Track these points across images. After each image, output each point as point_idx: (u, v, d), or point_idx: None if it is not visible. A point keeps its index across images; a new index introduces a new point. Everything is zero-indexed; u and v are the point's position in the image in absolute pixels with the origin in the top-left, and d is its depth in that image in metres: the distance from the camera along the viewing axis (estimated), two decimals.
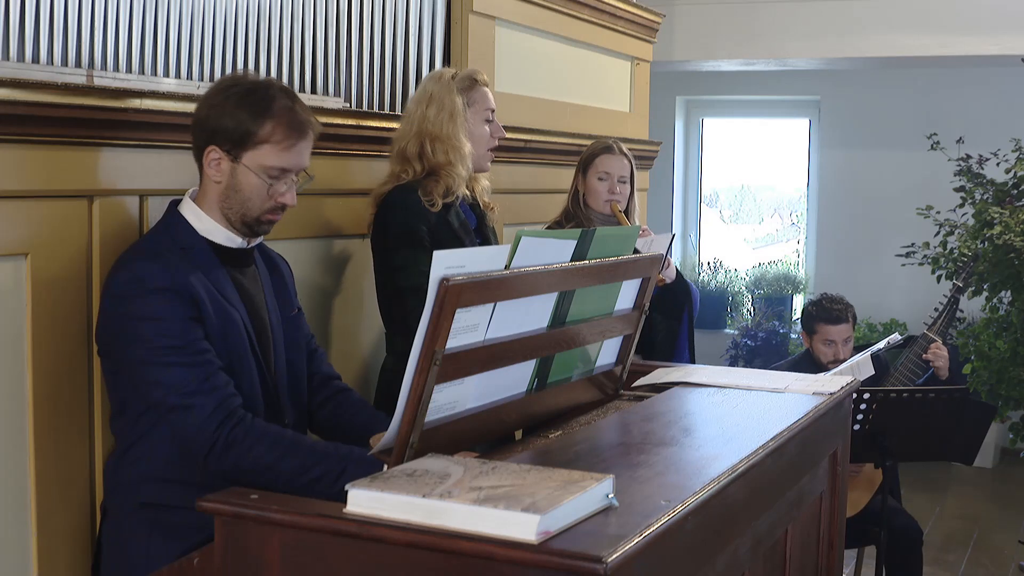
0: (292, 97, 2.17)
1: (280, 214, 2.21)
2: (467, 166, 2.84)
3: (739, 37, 6.36)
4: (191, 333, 2.04)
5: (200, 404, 2.01)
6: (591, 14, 4.26)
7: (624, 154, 3.50)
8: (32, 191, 2.11)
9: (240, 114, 2.10)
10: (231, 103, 2.11)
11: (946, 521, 5.58)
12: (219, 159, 2.13)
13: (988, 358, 5.51)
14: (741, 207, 8.47)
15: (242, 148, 2.12)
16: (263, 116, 2.11)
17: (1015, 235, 4.99)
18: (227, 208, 2.16)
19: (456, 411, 1.98)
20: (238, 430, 2.02)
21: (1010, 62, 5.93)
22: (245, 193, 2.14)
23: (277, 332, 2.27)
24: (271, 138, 2.12)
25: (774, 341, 7.39)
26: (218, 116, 2.11)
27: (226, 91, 2.14)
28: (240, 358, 2.14)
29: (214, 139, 2.12)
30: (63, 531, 2.20)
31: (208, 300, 2.08)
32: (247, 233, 2.21)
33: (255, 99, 2.12)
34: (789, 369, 3.67)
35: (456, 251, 1.84)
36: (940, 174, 5.93)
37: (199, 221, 2.17)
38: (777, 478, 2.09)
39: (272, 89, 2.15)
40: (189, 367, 2.02)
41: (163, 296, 2.03)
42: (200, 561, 1.76)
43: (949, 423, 3.38)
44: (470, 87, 2.88)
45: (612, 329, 2.42)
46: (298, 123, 2.14)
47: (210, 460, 2.02)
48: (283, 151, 2.13)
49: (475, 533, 1.46)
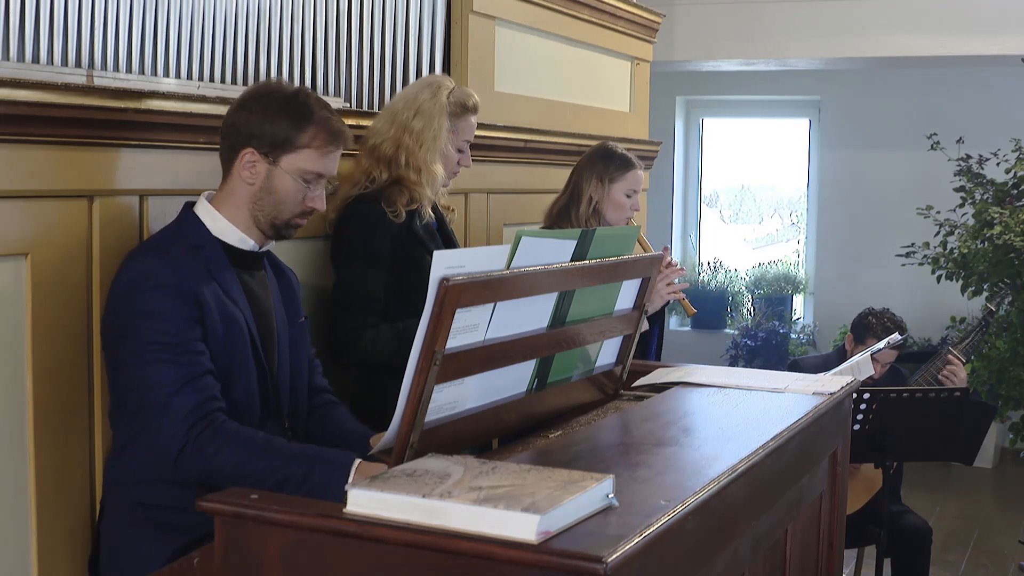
0: (328, 108, 2.23)
1: (307, 218, 2.26)
2: (435, 189, 2.81)
3: (739, 37, 6.36)
4: (188, 332, 2.04)
5: (178, 404, 2.01)
6: (591, 14, 4.26)
7: (641, 166, 3.47)
8: (32, 191, 2.11)
9: (283, 119, 2.16)
10: (273, 109, 2.16)
11: (946, 521, 5.58)
12: (255, 161, 2.16)
13: (988, 358, 5.52)
14: (741, 207, 8.47)
15: (282, 152, 2.16)
16: (306, 122, 2.17)
17: (1015, 235, 5.00)
18: (258, 210, 2.20)
19: (456, 411, 1.98)
20: (207, 433, 2.01)
21: (1010, 62, 5.93)
22: (280, 196, 2.19)
23: (283, 337, 2.28)
24: (312, 143, 2.17)
25: (774, 341, 7.39)
26: (259, 121, 2.16)
27: (265, 97, 2.19)
28: (241, 360, 2.14)
29: (251, 142, 2.16)
30: (63, 531, 2.20)
31: (212, 302, 2.09)
32: (274, 236, 2.25)
33: (296, 105, 2.18)
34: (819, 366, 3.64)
35: (456, 251, 1.84)
36: (940, 174, 5.94)
37: (213, 221, 2.19)
38: (777, 478, 2.09)
39: (310, 98, 2.21)
40: (176, 366, 2.02)
41: (166, 292, 2.04)
42: (200, 561, 1.76)
43: (949, 423, 3.38)
44: (459, 114, 2.85)
45: (612, 329, 2.42)
46: (337, 131, 2.21)
47: (180, 462, 2.01)
48: (321, 157, 2.19)
49: (475, 533, 1.46)
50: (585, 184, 3.37)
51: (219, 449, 2.00)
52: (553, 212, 3.43)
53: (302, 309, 2.40)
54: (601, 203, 3.36)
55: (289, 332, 2.31)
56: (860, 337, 3.97)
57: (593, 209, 3.37)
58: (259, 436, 2.06)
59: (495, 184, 3.57)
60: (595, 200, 3.36)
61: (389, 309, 2.73)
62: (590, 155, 3.43)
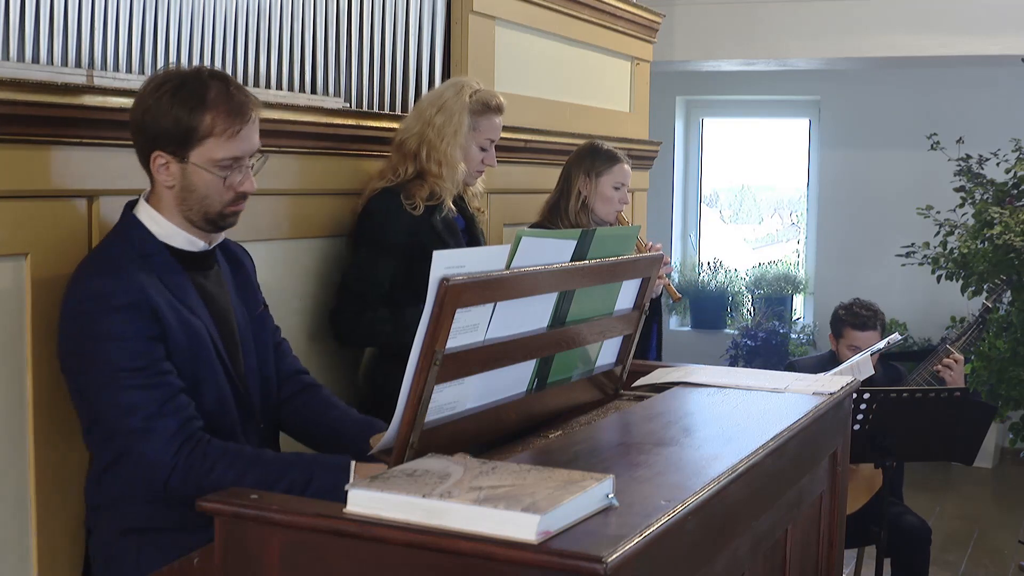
0: (226, 81, 2.06)
1: (243, 203, 2.12)
2: (455, 181, 2.92)
3: (739, 37, 6.36)
4: (153, 353, 1.97)
5: (160, 428, 1.95)
6: (591, 14, 4.26)
7: (629, 161, 3.60)
8: (32, 191, 2.11)
9: (177, 112, 2.00)
10: (165, 102, 2.01)
11: (946, 521, 5.58)
12: (167, 163, 2.04)
13: (988, 358, 5.52)
14: (741, 207, 8.47)
15: (187, 147, 2.02)
16: (200, 109, 2.01)
17: (1015, 235, 5.00)
18: (186, 210, 2.08)
19: (456, 411, 1.98)
20: (196, 453, 1.96)
21: (1010, 62, 5.93)
22: (201, 191, 2.06)
23: (245, 333, 2.21)
24: (213, 130, 2.02)
25: (774, 341, 7.39)
26: (155, 118, 2.02)
27: (157, 90, 2.03)
28: (207, 366, 2.07)
29: (157, 143, 2.03)
30: (63, 531, 2.20)
31: (171, 314, 2.01)
32: (213, 229, 2.13)
33: (188, 93, 2.01)
34: (814, 367, 3.66)
35: (456, 251, 1.84)
36: (940, 174, 5.93)
37: (157, 226, 2.08)
38: (777, 478, 2.09)
39: (202, 77, 2.04)
40: (150, 389, 1.95)
41: (125, 314, 1.95)
42: (200, 561, 1.76)
43: (949, 423, 3.38)
44: (481, 112, 2.94)
45: (612, 329, 2.42)
46: (237, 107, 2.04)
47: (171, 485, 1.96)
48: (229, 140, 2.03)
49: (475, 533, 1.46)
50: (574, 180, 3.53)
51: (212, 466, 1.96)
52: (545, 209, 3.57)
53: (260, 296, 2.31)
54: (590, 197, 3.51)
55: (251, 328, 2.23)
56: (837, 331, 3.98)
57: (582, 204, 3.51)
58: (247, 450, 2.03)
59: (495, 184, 3.57)
60: (584, 195, 3.51)
61: (398, 299, 2.82)
62: (577, 152, 3.59)
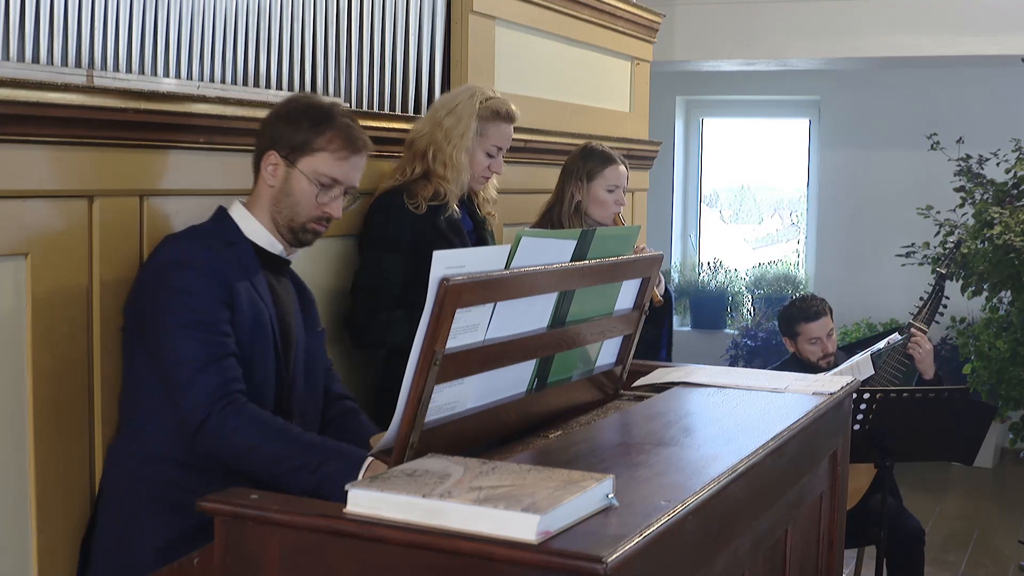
0: (352, 118, 2.30)
1: (325, 225, 2.30)
2: (460, 184, 2.94)
3: (739, 37, 6.36)
4: (218, 313, 2.10)
5: (203, 382, 2.05)
6: (591, 14, 4.26)
7: (624, 163, 3.55)
8: (32, 191, 2.11)
9: (303, 122, 2.24)
10: (296, 113, 2.25)
11: (946, 521, 5.58)
12: (276, 164, 2.24)
13: (988, 358, 5.52)
14: (741, 207, 8.47)
15: (300, 154, 2.23)
16: (324, 125, 2.23)
17: (1015, 235, 5.00)
18: (276, 212, 2.26)
19: (456, 411, 1.98)
20: (229, 409, 2.05)
21: (1010, 62, 5.93)
22: (295, 197, 2.24)
23: (300, 342, 2.33)
24: (328, 147, 2.23)
25: (774, 341, 7.38)
26: (282, 124, 2.25)
27: (293, 102, 2.30)
28: (262, 353, 2.19)
29: (275, 144, 2.24)
30: (63, 531, 2.20)
31: (242, 289, 2.16)
32: (292, 241, 2.30)
33: (319, 111, 2.26)
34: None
35: (456, 251, 1.84)
36: (940, 174, 5.93)
37: (246, 223, 2.26)
38: (777, 478, 2.09)
39: (336, 107, 2.30)
40: (204, 344, 2.07)
41: (200, 272, 2.11)
42: (200, 561, 1.76)
43: (949, 423, 3.38)
44: (490, 118, 2.97)
45: (612, 329, 2.42)
46: (355, 139, 2.26)
47: (199, 436, 2.04)
48: (337, 161, 2.24)
49: (475, 533, 1.46)
50: (566, 184, 3.49)
51: (240, 426, 2.04)
52: (539, 215, 3.55)
53: (320, 322, 2.45)
54: (583, 201, 3.46)
55: (306, 341, 2.35)
56: (791, 331, 3.99)
57: (575, 208, 3.46)
58: (279, 421, 2.10)
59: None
60: (576, 198, 3.45)
61: (408, 296, 2.83)
62: (572, 155, 3.55)
